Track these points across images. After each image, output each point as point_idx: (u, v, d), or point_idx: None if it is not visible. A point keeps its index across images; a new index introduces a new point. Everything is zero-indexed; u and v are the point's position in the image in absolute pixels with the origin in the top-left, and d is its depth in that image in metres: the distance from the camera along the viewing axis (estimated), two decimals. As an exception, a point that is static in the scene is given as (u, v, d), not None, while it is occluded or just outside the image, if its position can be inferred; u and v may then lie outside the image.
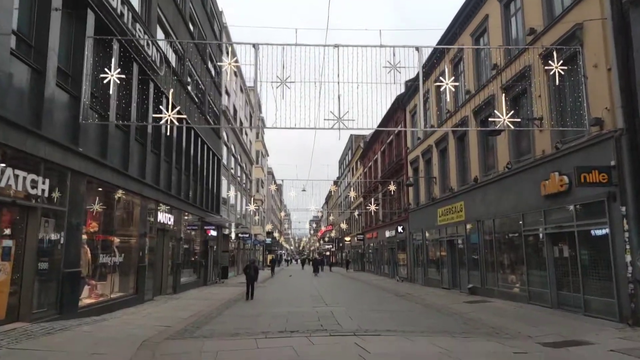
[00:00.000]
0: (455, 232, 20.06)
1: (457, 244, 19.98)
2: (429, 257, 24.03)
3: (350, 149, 53.08)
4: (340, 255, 63.43)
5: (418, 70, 10.55)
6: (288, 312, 12.71)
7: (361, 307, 14.26)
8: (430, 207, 23.51)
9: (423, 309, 13.98)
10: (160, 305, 13.85)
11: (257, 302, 15.88)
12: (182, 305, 14.28)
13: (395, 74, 9.56)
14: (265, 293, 20.12)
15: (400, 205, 30.64)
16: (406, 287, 22.98)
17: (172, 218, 17.73)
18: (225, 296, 17.96)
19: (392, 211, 31.37)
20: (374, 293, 20.53)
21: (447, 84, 9.81)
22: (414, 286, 23.18)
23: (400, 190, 29.46)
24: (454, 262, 20.41)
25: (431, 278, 22.97)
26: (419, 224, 25.73)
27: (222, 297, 17.62)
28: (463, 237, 19.11)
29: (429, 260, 23.89)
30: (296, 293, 20.29)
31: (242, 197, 38.40)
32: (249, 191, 42.34)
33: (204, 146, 23.67)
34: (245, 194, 39.34)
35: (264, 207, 57.12)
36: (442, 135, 21.32)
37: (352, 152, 51.97)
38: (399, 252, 29.62)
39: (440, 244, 22.06)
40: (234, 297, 17.75)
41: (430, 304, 14.90)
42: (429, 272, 23.64)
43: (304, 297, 17.82)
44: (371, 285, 25.35)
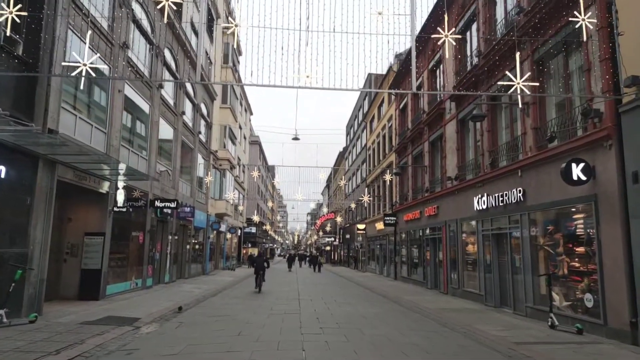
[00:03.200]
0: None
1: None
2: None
3: (368, 95, 37.73)
4: (347, 250, 48.22)
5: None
6: None
7: None
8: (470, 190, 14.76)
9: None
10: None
11: None
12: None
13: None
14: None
15: (433, 175, 19.15)
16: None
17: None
18: None
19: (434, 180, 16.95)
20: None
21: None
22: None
23: (436, 151, 18.58)
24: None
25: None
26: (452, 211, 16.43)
27: None
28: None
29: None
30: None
31: (187, 147, 23.36)
32: (204, 144, 27.02)
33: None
34: (192, 141, 24.02)
35: (243, 182, 41.85)
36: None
37: (369, 98, 36.65)
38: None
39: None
40: None
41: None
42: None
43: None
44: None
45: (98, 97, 13.60)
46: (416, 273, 22.28)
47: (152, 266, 18.22)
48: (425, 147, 20.66)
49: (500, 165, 13.39)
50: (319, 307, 13.10)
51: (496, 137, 14.00)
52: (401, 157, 24.95)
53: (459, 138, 16.64)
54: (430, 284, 19.52)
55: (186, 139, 23.13)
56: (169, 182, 20.27)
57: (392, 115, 27.80)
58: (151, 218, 17.92)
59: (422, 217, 20.80)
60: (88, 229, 13.54)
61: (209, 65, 28.14)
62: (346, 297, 16.16)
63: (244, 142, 45.15)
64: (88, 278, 13.32)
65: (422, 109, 21.06)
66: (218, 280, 23.91)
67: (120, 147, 14.77)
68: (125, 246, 15.84)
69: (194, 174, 24.94)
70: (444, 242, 17.83)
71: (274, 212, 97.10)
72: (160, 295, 15.51)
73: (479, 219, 14.56)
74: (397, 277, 25.45)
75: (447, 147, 17.73)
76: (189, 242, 24.36)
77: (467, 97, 15.76)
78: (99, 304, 12.65)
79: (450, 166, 17.39)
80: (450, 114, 17.40)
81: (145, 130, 17.48)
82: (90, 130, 12.77)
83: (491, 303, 13.65)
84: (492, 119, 14.02)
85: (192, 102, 24.45)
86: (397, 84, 26.03)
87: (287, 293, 17.46)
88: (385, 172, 29.32)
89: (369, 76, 38.30)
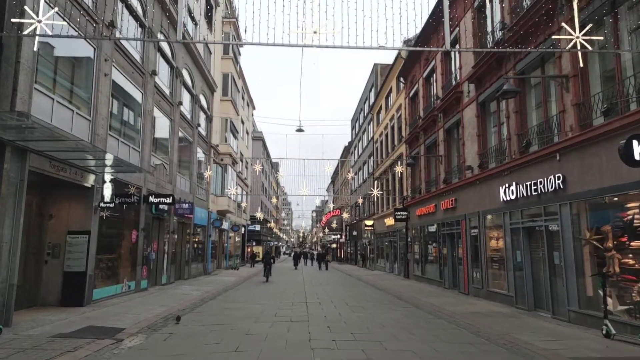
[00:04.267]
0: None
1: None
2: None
3: (374, 86, 36.15)
4: (354, 247, 46.75)
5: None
6: None
7: None
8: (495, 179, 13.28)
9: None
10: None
11: None
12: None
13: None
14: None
15: (449, 165, 17.71)
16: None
17: None
18: None
19: (450, 170, 15.50)
20: None
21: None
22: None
23: (452, 139, 17.41)
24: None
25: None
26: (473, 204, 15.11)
27: None
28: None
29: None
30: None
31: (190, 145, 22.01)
32: (204, 138, 25.63)
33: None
34: (190, 134, 22.60)
35: (246, 178, 40.46)
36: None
37: (375, 88, 35.06)
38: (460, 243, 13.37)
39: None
40: None
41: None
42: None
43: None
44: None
45: (81, 80, 12.14)
46: (431, 271, 20.75)
47: (147, 267, 16.80)
48: (439, 135, 19.10)
49: (532, 150, 11.83)
50: (329, 313, 11.61)
51: (525, 119, 12.44)
52: (412, 148, 23.39)
53: (480, 123, 15.08)
54: (448, 284, 18.00)
55: (184, 132, 21.67)
56: (165, 176, 18.83)
57: (401, 105, 26.23)
58: (145, 215, 16.48)
59: (437, 211, 19.25)
60: (71, 227, 12.10)
61: (208, 54, 26.65)
62: (358, 299, 14.67)
63: (246, 138, 43.69)
64: (71, 282, 11.89)
65: (435, 94, 19.49)
66: (220, 280, 22.50)
67: (108, 137, 13.32)
68: (116, 245, 14.41)
69: (193, 169, 23.50)
70: (463, 237, 16.30)
71: (279, 209, 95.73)
72: (154, 299, 14.09)
73: (506, 211, 13.01)
74: (410, 276, 23.92)
75: (466, 134, 16.18)
76: (188, 240, 22.93)
77: (489, 77, 14.19)
78: (82, 311, 11.22)
79: (469, 154, 15.84)
80: (469, 97, 15.84)
81: (138, 119, 16.03)
82: (71, 116, 11.32)
83: (523, 306, 12.11)
84: (520, 98, 12.46)
85: (190, 93, 22.99)
86: (407, 71, 24.45)
87: (293, 295, 15.98)
88: (394, 164, 27.77)
89: (374, 66, 36.70)
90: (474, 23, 15.60)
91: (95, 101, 12.45)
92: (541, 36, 11.32)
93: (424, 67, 21.50)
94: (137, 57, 15.70)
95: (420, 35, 19.54)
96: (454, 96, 16.80)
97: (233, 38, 31.14)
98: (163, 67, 18.84)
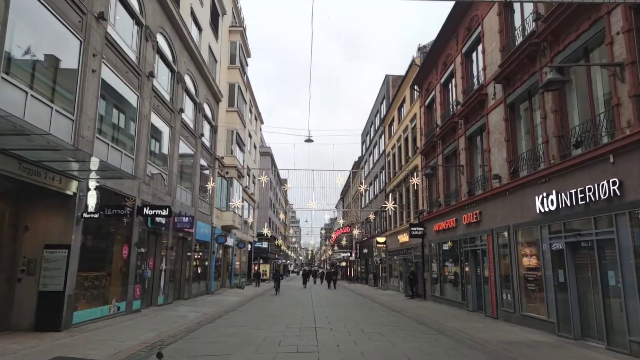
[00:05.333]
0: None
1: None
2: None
3: (385, 97, 34.84)
4: (364, 265, 44.86)
5: None
6: None
7: None
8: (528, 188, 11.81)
9: None
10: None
11: None
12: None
13: None
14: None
15: (472, 175, 16.09)
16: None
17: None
18: None
19: (474, 180, 14.02)
20: None
21: None
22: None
23: (475, 147, 15.93)
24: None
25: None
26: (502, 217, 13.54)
27: None
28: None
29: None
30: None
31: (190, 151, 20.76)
32: (208, 149, 24.35)
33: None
34: (193, 143, 21.31)
35: (253, 194, 39.11)
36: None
37: (387, 100, 33.72)
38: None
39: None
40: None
41: None
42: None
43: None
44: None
45: (64, 75, 10.83)
46: (451, 292, 18.93)
47: (140, 286, 15.25)
48: (460, 143, 17.54)
49: (575, 153, 10.23)
50: (342, 341, 9.93)
51: (566, 118, 10.86)
52: (429, 158, 21.83)
53: (509, 127, 13.52)
54: (472, 306, 16.20)
55: (185, 141, 20.34)
56: (163, 187, 17.42)
57: (415, 114, 24.77)
58: (140, 228, 15.03)
59: (458, 225, 17.56)
60: (49, 240, 10.65)
61: (213, 62, 25.52)
62: (373, 324, 12.95)
63: (254, 152, 42.44)
64: (47, 303, 10.39)
65: (455, 100, 18.00)
66: (222, 300, 20.86)
67: (96, 140, 11.96)
68: (103, 262, 12.92)
69: (196, 181, 22.11)
70: (490, 254, 14.58)
71: (287, 226, 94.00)
72: (145, 322, 12.51)
73: (544, 224, 11.34)
74: (427, 297, 22.08)
75: (492, 140, 14.61)
76: (189, 257, 21.39)
77: (520, 75, 12.68)
78: (58, 338, 9.69)
79: (496, 162, 14.24)
80: (495, 100, 14.32)
81: (132, 124, 14.71)
82: (50, 113, 9.97)
83: (568, 334, 10.34)
84: (559, 95, 10.91)
85: (193, 101, 21.75)
86: (422, 79, 23.06)
87: (301, 318, 14.30)
88: (408, 177, 26.19)
89: (386, 78, 35.44)
90: (500, 18, 14.19)
91: (80, 99, 11.12)
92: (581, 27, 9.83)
93: (442, 72, 20.08)
94: (133, 56, 14.46)
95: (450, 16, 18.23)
96: (477, 99, 15.30)
97: (240, 48, 30.10)
98: (163, 71, 17.63)
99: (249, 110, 37.95)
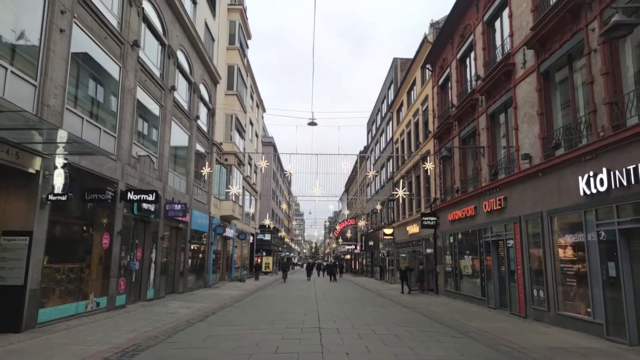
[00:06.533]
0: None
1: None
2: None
3: (393, 82, 33.02)
4: (370, 258, 43.24)
5: None
6: None
7: None
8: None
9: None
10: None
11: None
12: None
13: None
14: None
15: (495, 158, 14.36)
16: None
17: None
18: None
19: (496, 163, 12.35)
20: None
21: None
22: None
23: (498, 125, 14.32)
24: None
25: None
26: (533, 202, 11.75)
27: None
28: None
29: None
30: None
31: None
32: (205, 134, 22.71)
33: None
34: (187, 126, 19.66)
35: (255, 184, 37.51)
36: None
37: (395, 85, 31.90)
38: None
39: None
40: None
41: None
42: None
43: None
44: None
45: (26, 34, 9.15)
46: (468, 287, 17.25)
47: (125, 279, 13.66)
48: (480, 122, 15.77)
49: (631, 122, 8.47)
50: (352, 346, 8.27)
51: (619, 81, 9.08)
52: (442, 142, 20.06)
53: (542, 98, 11.74)
54: (495, 303, 14.52)
55: (179, 122, 18.67)
56: (152, 171, 15.78)
57: (427, 96, 22.96)
58: (124, 215, 13.41)
59: (477, 214, 15.84)
60: (6, 226, 9.05)
61: (210, 40, 23.77)
62: (386, 323, 11.30)
63: (255, 141, 40.75)
64: (5, 299, 8.79)
65: (475, 75, 16.20)
66: (220, 295, 19.29)
67: (66, 112, 10.30)
68: (79, 252, 11.30)
69: (191, 167, 20.47)
70: (517, 245, 12.86)
71: (290, 218, 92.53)
72: (126, 320, 10.92)
73: (590, 209, 9.60)
74: (439, 291, 20.40)
75: (520, 115, 12.84)
76: (184, 248, 19.80)
77: (559, 36, 10.89)
78: (14, 340, 8.11)
79: (526, 140, 12.48)
80: (525, 69, 12.54)
81: (113, 99, 13.03)
82: (4, 75, 8.31)
83: (621, 338, 8.63)
84: (610, 54, 9.12)
85: (187, 80, 20.06)
86: (435, 57, 21.22)
87: (304, 316, 12.67)
88: (419, 165, 24.43)
89: (394, 61, 33.55)
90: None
91: (44, 62, 9.45)
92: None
93: (458, 46, 18.25)
94: (114, 21, 12.77)
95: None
96: (503, 70, 13.51)
97: (240, 28, 28.32)
98: (152, 44, 15.94)
99: (249, 97, 36.22)
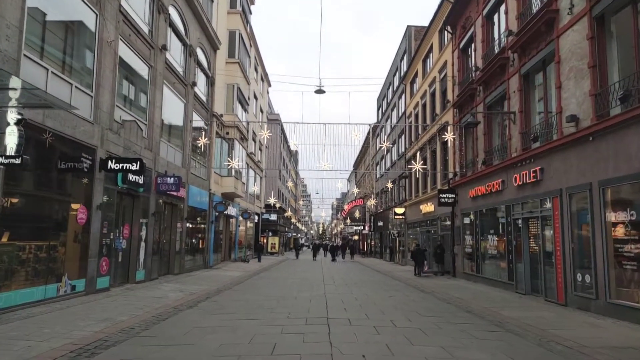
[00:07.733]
0: None
1: None
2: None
3: (407, 52, 30.85)
4: (379, 239, 41.67)
5: None
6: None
7: None
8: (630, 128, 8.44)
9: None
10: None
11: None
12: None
13: None
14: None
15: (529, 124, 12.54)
16: None
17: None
18: None
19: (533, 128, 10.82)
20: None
21: None
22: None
23: (532, 87, 12.36)
24: None
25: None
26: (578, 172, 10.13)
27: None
28: None
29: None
30: None
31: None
32: (203, 103, 20.90)
33: None
34: (183, 93, 17.83)
35: (259, 161, 35.83)
36: None
37: (409, 55, 29.73)
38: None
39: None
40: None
41: None
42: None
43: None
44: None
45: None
46: (491, 269, 15.55)
47: (109, 259, 12.10)
48: (511, 84, 13.81)
49: None
50: (369, 343, 6.62)
51: None
52: (464, 111, 18.11)
53: (595, 47, 9.76)
54: (525, 288, 12.81)
55: (172, 88, 16.88)
56: (140, 139, 14.08)
57: (446, 62, 20.89)
58: (105, 187, 11.76)
59: (505, 188, 14.02)
60: (-54, 195, 7.41)
61: (208, 1, 21.76)
62: (406, 311, 9.66)
63: (260, 116, 38.84)
64: (-56, 283, 7.21)
65: (506, 30, 14.15)
66: (219, 276, 17.80)
67: (24, 59, 8.56)
68: (47, 228, 9.70)
69: (187, 138, 18.74)
70: (556, 223, 11.06)
71: (297, 197, 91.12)
72: (102, 306, 9.37)
73: (661, 177, 7.75)
74: (457, 274, 18.73)
75: (565, 70, 10.88)
76: (181, 226, 18.24)
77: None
78: (-52, 335, 6.53)
79: (571, 99, 10.56)
80: (572, 15, 10.53)
81: (88, 52, 11.25)
82: None
83: None
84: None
85: (182, 42, 18.19)
86: (456, 17, 19.09)
87: (309, 303, 11.04)
88: (434, 139, 22.50)
89: (407, 29, 31.28)
90: None
91: (-10, -6, 7.66)
92: None
93: (485, 1, 16.14)
94: (88, -40, 10.88)
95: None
96: (543, 20, 11.49)
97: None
98: (138, -5, 14.04)
99: (254, 69, 34.23)
